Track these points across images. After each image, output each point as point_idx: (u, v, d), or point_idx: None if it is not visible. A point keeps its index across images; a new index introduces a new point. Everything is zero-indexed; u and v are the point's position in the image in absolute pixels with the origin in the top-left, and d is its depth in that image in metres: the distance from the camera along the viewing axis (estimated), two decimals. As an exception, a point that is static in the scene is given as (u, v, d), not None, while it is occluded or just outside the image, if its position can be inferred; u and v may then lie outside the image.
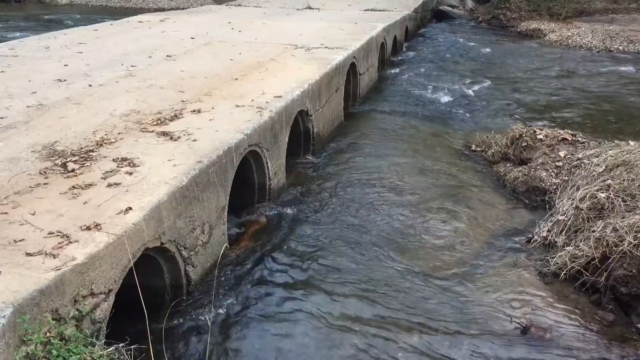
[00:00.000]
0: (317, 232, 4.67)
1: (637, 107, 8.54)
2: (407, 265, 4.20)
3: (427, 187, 5.56)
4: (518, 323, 3.52)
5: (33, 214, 2.97)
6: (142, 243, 3.04)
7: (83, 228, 2.84)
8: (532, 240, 4.49)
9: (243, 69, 6.33)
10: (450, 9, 17.83)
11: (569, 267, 3.91)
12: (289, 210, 4.99)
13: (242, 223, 4.72)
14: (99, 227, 2.85)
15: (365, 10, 12.59)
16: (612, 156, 4.90)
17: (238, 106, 4.95)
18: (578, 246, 4.01)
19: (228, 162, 4.08)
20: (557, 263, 4.01)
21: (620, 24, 14.71)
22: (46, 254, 2.60)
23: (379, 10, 12.54)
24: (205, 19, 10.80)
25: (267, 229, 4.69)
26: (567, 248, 4.09)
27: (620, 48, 12.85)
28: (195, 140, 4.08)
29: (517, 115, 8.07)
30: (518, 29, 15.49)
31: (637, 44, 12.95)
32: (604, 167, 4.76)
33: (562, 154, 5.53)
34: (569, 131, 6.08)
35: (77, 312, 2.57)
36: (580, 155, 5.31)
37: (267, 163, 4.91)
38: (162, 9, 17.75)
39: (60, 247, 2.67)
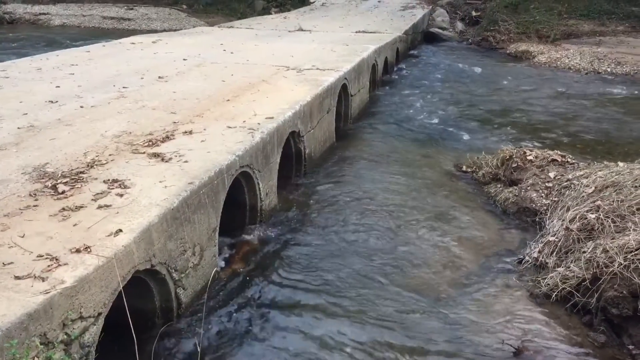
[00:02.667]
0: (308, 253, 4.66)
1: (625, 128, 8.63)
2: (399, 287, 4.19)
3: (419, 208, 5.57)
4: (510, 345, 3.51)
5: (22, 237, 2.95)
6: (132, 265, 3.02)
7: (73, 251, 2.82)
8: (523, 261, 4.50)
9: (235, 90, 6.36)
10: (440, 31, 18.01)
11: (560, 288, 3.92)
12: (280, 232, 4.98)
13: (233, 244, 4.71)
14: (88, 250, 2.84)
15: (356, 32, 12.71)
16: (601, 177, 4.93)
17: (230, 127, 4.97)
18: (569, 267, 4.02)
19: (219, 184, 4.07)
20: (549, 284, 4.02)
21: (608, 46, 14.92)
22: (35, 277, 2.58)
23: (370, 32, 12.66)
24: (197, 40, 10.86)
25: (258, 251, 4.67)
26: (558, 269, 4.10)
27: (609, 70, 13.01)
28: (186, 162, 4.08)
29: (507, 136, 8.13)
30: (507, 51, 15.67)
31: (625, 66, 13.12)
32: (593, 188, 4.80)
33: (552, 174, 5.57)
34: (559, 152, 6.13)
35: (65, 336, 2.55)
36: (570, 176, 5.35)
37: (258, 184, 4.91)
38: (155, 31, 17.85)
39: (50, 270, 2.65)
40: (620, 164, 5.30)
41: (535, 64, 14.03)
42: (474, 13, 19.14)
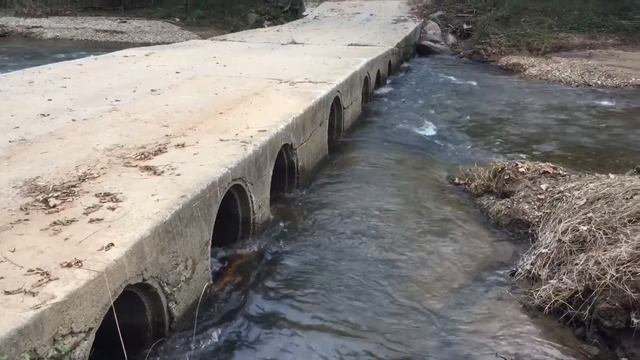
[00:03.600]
0: (301, 267, 4.65)
1: (616, 140, 8.70)
2: (392, 300, 4.18)
3: (412, 220, 5.57)
4: (503, 358, 3.50)
5: (13, 251, 2.92)
6: (124, 280, 3.00)
7: (64, 265, 2.80)
8: (516, 274, 4.50)
9: (228, 103, 6.36)
10: (432, 44, 18.14)
11: (553, 300, 3.92)
12: (273, 245, 4.97)
13: (226, 258, 4.68)
14: (80, 264, 2.81)
15: (349, 45, 12.78)
16: (592, 189, 4.96)
17: (222, 140, 4.96)
18: (561, 279, 4.03)
19: (212, 197, 4.06)
20: (541, 296, 4.02)
21: (598, 59, 15.07)
22: (25, 292, 2.56)
23: (363, 45, 12.74)
24: (190, 53, 10.88)
25: (251, 264, 4.65)
26: (551, 281, 4.10)
27: (599, 82, 13.14)
28: (179, 175, 4.07)
29: (499, 148, 8.18)
30: (499, 64, 15.80)
31: (615, 79, 13.25)
32: (585, 200, 4.82)
33: (543, 186, 5.60)
34: (550, 164, 6.16)
35: (56, 352, 2.52)
36: (561, 188, 5.37)
37: (251, 197, 4.90)
38: (148, 44, 17.88)
39: (40, 285, 2.62)
40: (611, 175, 5.33)
41: (526, 77, 14.14)
42: (465, 26, 19.30)
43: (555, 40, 16.79)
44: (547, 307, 3.93)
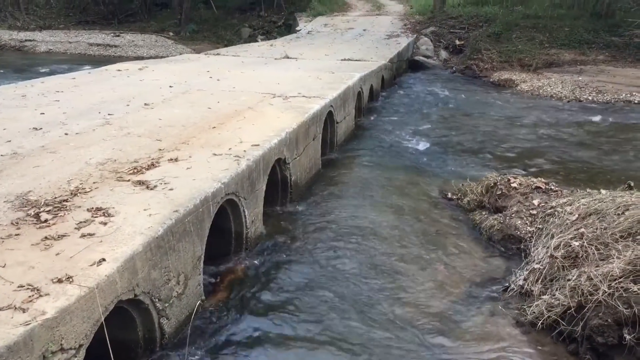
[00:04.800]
0: (294, 282, 4.63)
1: (607, 156, 8.76)
2: (385, 316, 4.17)
3: (404, 236, 5.57)
4: (497, 374, 3.49)
5: (3, 266, 2.90)
6: (115, 295, 2.98)
7: (54, 281, 2.78)
8: (508, 289, 4.50)
9: (221, 118, 6.37)
10: (425, 59, 18.25)
11: (546, 316, 3.92)
12: (266, 260, 4.95)
13: (219, 273, 4.66)
14: (70, 280, 2.79)
15: (342, 60, 12.83)
16: (584, 205, 4.98)
17: (215, 155, 4.96)
18: (554, 295, 4.03)
19: (205, 211, 4.05)
20: (534, 312, 4.02)
21: (588, 75, 15.20)
22: (15, 308, 2.53)
23: (356, 60, 12.80)
24: (183, 67, 10.90)
25: (243, 279, 4.63)
26: (544, 297, 4.11)
27: (590, 98, 13.24)
28: (171, 189, 4.06)
29: (491, 163, 8.22)
30: (491, 79, 15.90)
31: (605, 94, 13.36)
32: (577, 215, 4.84)
33: (536, 202, 5.62)
34: (542, 180, 6.19)
35: (45, 369, 2.49)
36: (553, 204, 5.40)
37: (244, 212, 4.89)
38: (141, 57, 17.91)
39: (30, 301, 2.60)
40: (603, 191, 5.36)
41: (518, 92, 14.24)
42: (457, 42, 19.45)
43: (546, 56, 16.94)
44: (539, 323, 3.93)
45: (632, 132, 10.30)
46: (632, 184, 5.63)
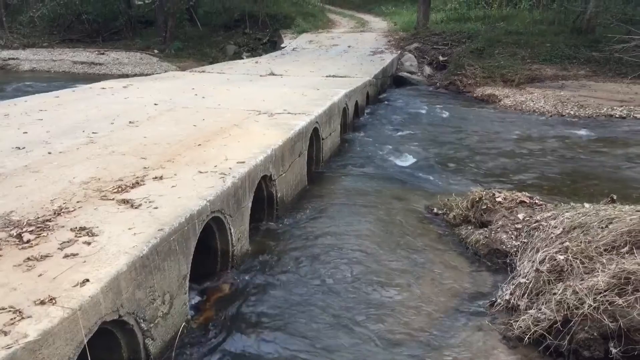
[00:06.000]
0: (281, 301, 4.60)
1: (590, 169, 8.86)
2: (372, 332, 4.15)
3: (391, 251, 5.57)
4: (485, 390, 3.48)
5: (-16, 289, 2.85)
6: (99, 317, 2.94)
7: (37, 302, 2.74)
8: (495, 304, 4.50)
9: (206, 135, 6.36)
10: (409, 75, 18.41)
11: (533, 330, 3.92)
12: (252, 278, 4.92)
13: (205, 291, 4.62)
14: (53, 301, 2.75)
15: (327, 76, 12.91)
16: (568, 218, 5.02)
17: (201, 172, 4.95)
18: (540, 309, 4.04)
19: (190, 230, 4.03)
20: (521, 327, 4.02)
21: (570, 90, 15.42)
22: (-4, 331, 2.49)
23: (341, 77, 12.88)
24: (169, 85, 10.89)
25: (230, 298, 4.60)
26: (530, 311, 4.11)
27: (572, 113, 13.41)
28: (156, 208, 4.04)
29: (476, 178, 8.27)
30: (474, 94, 16.07)
31: (587, 109, 13.54)
32: (561, 229, 4.87)
33: (520, 216, 5.65)
34: (527, 194, 6.23)
35: (27, 393, 2.45)
36: (538, 218, 5.43)
37: (230, 229, 4.87)
38: (126, 75, 17.89)
39: (13, 324, 2.56)
40: (587, 205, 5.40)
41: (501, 107, 14.38)
42: (441, 58, 19.65)
43: (528, 72, 17.17)
44: (526, 338, 3.94)
45: (614, 146, 10.44)
46: (615, 197, 5.69)
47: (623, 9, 19.84)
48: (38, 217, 3.80)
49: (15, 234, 3.53)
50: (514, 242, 5.31)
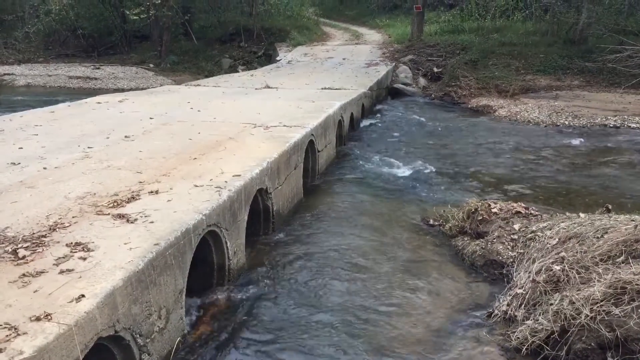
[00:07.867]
0: (278, 313, 4.59)
1: (585, 179, 8.88)
2: (370, 345, 4.14)
3: (387, 263, 5.57)
4: (483, 402, 3.47)
5: (-21, 306, 2.84)
6: (95, 332, 2.92)
7: (32, 319, 2.73)
8: (492, 315, 4.50)
9: (202, 149, 6.36)
10: (404, 86, 18.48)
11: (530, 341, 3.92)
12: (249, 292, 4.90)
13: (201, 306, 4.61)
14: (49, 317, 2.74)
15: (322, 88, 12.94)
16: (564, 229, 5.03)
17: (197, 186, 4.95)
18: (537, 320, 4.04)
19: (186, 244, 4.02)
20: (518, 338, 4.02)
21: (564, 100, 15.51)
22: (-8, 348, 2.48)
23: (336, 89, 12.91)
24: (164, 99, 10.91)
25: (226, 312, 4.58)
26: (527, 322, 4.11)
27: (566, 123, 13.48)
28: (152, 222, 4.03)
29: (472, 189, 8.28)
30: (469, 105, 16.14)
31: (581, 119, 13.62)
32: (557, 239, 4.88)
33: (516, 226, 5.66)
34: (522, 204, 6.25)
35: (22, 411, 2.43)
36: (534, 228, 5.44)
37: (226, 243, 4.86)
38: (122, 89, 17.89)
39: (8, 341, 2.55)
40: (582, 215, 5.42)
41: (496, 118, 14.44)
42: (435, 69, 19.74)
43: (522, 82, 17.27)
44: (524, 349, 3.93)
45: (609, 155, 10.48)
46: (610, 207, 5.71)
47: (615, 20, 19.97)
48: (33, 233, 3.79)
49: (10, 250, 3.52)
50: (510, 252, 5.32)
